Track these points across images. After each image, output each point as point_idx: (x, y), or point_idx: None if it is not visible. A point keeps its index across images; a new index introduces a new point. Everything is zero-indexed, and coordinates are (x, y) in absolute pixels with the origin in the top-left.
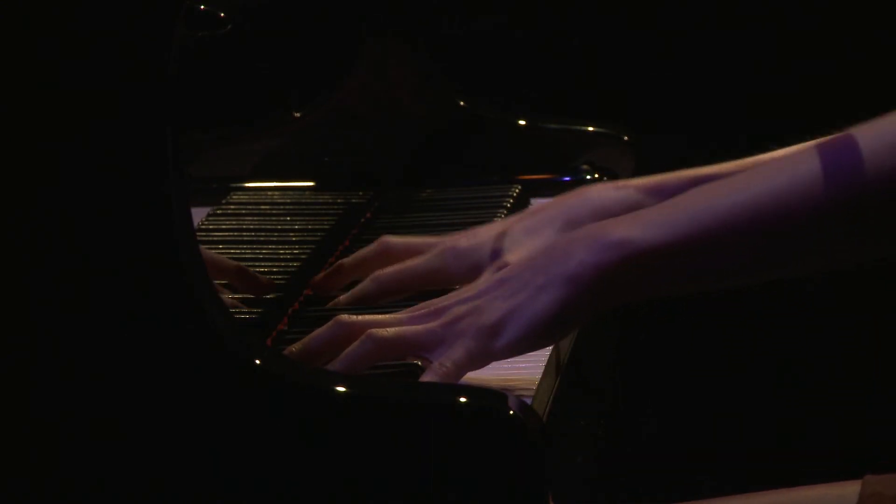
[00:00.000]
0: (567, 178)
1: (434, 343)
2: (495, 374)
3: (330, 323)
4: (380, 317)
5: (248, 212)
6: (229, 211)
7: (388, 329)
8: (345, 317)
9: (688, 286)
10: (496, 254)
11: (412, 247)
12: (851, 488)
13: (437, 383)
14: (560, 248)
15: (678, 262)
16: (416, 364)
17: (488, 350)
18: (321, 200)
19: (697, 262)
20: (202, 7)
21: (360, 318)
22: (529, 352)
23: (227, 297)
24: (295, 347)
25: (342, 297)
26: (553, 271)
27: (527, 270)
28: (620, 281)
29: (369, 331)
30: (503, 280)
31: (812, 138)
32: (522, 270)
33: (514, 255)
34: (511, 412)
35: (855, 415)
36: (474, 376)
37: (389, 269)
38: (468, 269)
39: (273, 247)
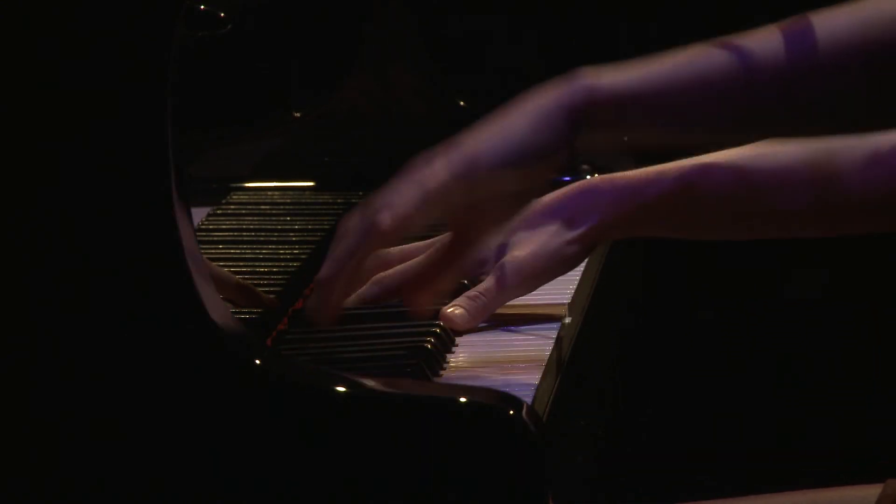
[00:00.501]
0: (567, 178)
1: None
2: (496, 373)
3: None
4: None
5: (248, 212)
6: (229, 211)
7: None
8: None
9: (658, 133)
10: (501, 250)
11: (406, 252)
12: (872, 491)
13: (438, 383)
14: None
15: (645, 104)
16: (416, 364)
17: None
18: (321, 200)
19: (665, 107)
20: (202, 7)
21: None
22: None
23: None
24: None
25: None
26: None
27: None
28: (584, 122)
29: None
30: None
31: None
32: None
33: (520, 249)
34: (511, 412)
35: (856, 415)
36: (474, 377)
37: (392, 272)
38: (473, 265)
39: (273, 247)
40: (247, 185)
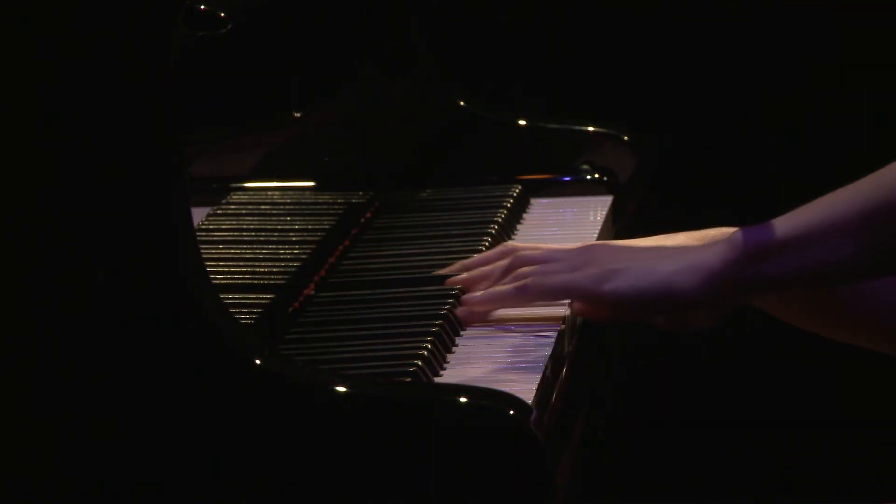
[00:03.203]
0: (567, 178)
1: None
2: (496, 373)
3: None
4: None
5: (248, 212)
6: (229, 211)
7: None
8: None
9: (798, 280)
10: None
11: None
12: None
13: (437, 384)
14: (698, 244)
15: (790, 254)
16: (416, 364)
17: (596, 288)
18: (321, 200)
19: (808, 254)
20: (202, 7)
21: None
22: (631, 312)
23: (227, 297)
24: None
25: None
26: (688, 253)
27: (670, 249)
28: (736, 280)
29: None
30: (649, 248)
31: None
32: (668, 248)
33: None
34: (511, 412)
35: (856, 415)
36: (475, 377)
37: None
38: None
39: (273, 247)
40: (247, 185)
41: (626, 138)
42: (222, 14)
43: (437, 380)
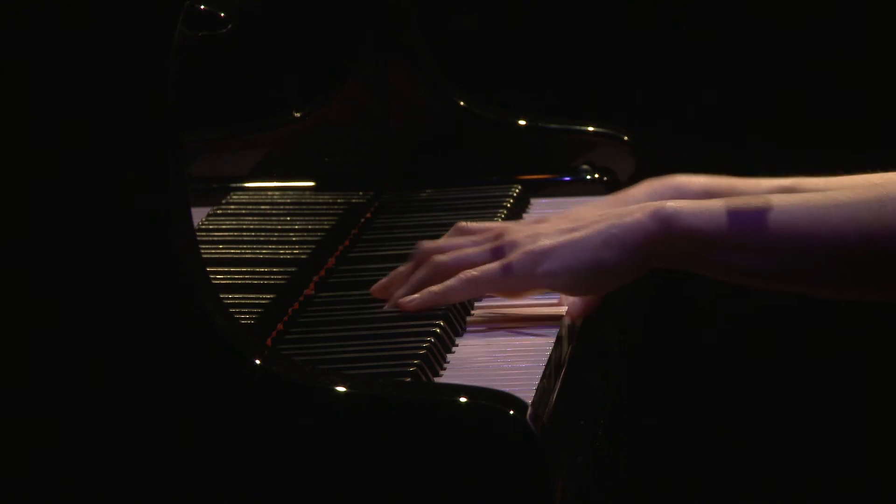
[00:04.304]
0: (567, 178)
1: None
2: (496, 373)
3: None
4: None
5: (248, 212)
6: (229, 211)
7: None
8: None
9: (721, 275)
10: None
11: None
12: None
13: (437, 384)
14: (623, 210)
15: (718, 252)
16: (416, 363)
17: (530, 273)
18: (321, 200)
19: (734, 258)
20: (202, 7)
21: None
22: (565, 291)
23: (227, 297)
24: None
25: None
26: (608, 224)
27: (588, 219)
28: (661, 251)
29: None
30: (566, 220)
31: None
32: (584, 218)
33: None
34: (511, 412)
35: (856, 415)
36: (475, 377)
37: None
38: None
39: (273, 247)
40: (247, 185)
41: (626, 138)
42: (222, 14)
43: (436, 380)
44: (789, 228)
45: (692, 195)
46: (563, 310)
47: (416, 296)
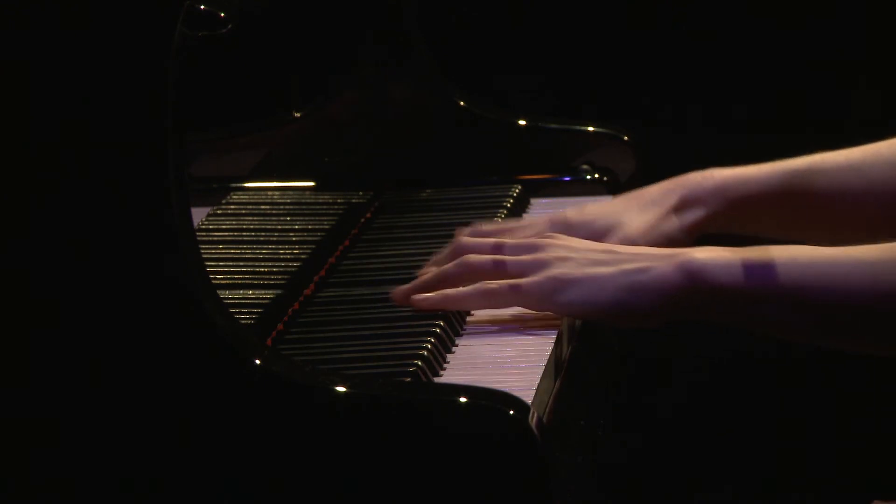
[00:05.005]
0: (567, 178)
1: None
2: (496, 373)
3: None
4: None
5: (248, 212)
6: (229, 211)
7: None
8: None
9: (747, 326)
10: (610, 228)
11: (503, 228)
12: None
13: (437, 384)
14: (653, 252)
15: (742, 308)
16: (416, 364)
17: (548, 299)
18: (321, 200)
19: (757, 315)
20: (202, 7)
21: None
22: (583, 320)
23: (227, 296)
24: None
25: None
26: (637, 268)
27: (623, 254)
28: (686, 304)
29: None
30: (604, 251)
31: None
32: (620, 251)
33: (629, 228)
34: (511, 412)
35: (857, 415)
36: (475, 377)
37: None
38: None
39: (273, 247)
40: (247, 185)
41: (626, 138)
42: (222, 14)
43: (436, 380)
44: (825, 285)
45: (706, 195)
46: None
47: (430, 295)
